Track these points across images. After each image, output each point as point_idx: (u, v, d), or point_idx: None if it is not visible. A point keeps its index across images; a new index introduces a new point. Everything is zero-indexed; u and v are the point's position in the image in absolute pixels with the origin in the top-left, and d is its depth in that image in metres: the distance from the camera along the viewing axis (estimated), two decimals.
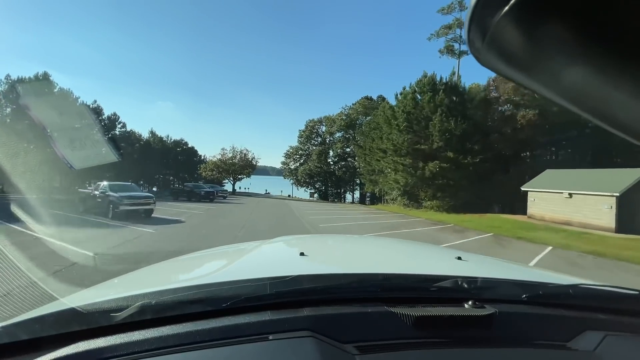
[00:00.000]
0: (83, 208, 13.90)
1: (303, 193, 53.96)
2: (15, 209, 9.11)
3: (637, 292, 0.95)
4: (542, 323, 0.82)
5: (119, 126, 50.57)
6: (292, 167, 53.26)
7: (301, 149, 52.51)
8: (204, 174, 47.44)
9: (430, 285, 0.90)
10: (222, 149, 49.01)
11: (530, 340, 0.78)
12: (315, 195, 51.20)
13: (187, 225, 11.45)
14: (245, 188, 57.88)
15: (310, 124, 51.26)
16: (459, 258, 1.41)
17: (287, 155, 53.43)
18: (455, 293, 0.88)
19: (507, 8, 0.24)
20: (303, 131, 51.88)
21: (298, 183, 51.88)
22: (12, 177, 17.00)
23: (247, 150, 49.01)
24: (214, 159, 48.30)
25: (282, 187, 57.70)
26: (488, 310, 0.79)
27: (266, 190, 57.99)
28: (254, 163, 48.69)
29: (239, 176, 48.80)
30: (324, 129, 50.98)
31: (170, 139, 66.29)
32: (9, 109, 29.88)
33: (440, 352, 0.71)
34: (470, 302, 0.82)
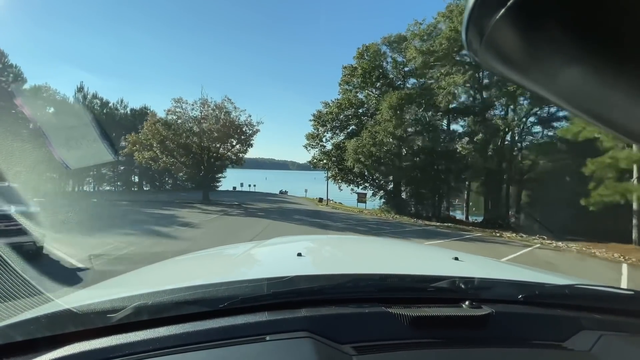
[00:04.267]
0: None
1: (348, 196, 27.41)
2: None
3: (632, 292, 0.95)
4: (538, 323, 0.83)
5: (14, 79, 26.84)
6: (330, 143, 25.63)
7: (351, 103, 24.40)
8: (138, 157, 21.02)
9: (427, 286, 0.91)
10: (176, 100, 21.83)
11: (527, 340, 0.79)
12: (376, 199, 24.57)
13: None
14: (250, 185, 44.44)
15: (371, 49, 23.41)
16: (456, 258, 1.38)
17: (318, 120, 25.71)
18: (452, 293, 0.89)
19: (504, 9, 0.24)
20: (354, 66, 24.19)
21: (342, 177, 24.76)
22: None
23: (234, 105, 21.95)
24: (154, 122, 21.19)
25: (308, 184, 37.70)
26: (485, 310, 0.80)
27: (281, 190, 43.87)
28: (249, 132, 21.82)
29: (217, 162, 22.14)
30: (400, 59, 23.51)
31: (125, 106, 41.14)
32: None
33: (437, 353, 0.72)
34: (467, 303, 0.83)
